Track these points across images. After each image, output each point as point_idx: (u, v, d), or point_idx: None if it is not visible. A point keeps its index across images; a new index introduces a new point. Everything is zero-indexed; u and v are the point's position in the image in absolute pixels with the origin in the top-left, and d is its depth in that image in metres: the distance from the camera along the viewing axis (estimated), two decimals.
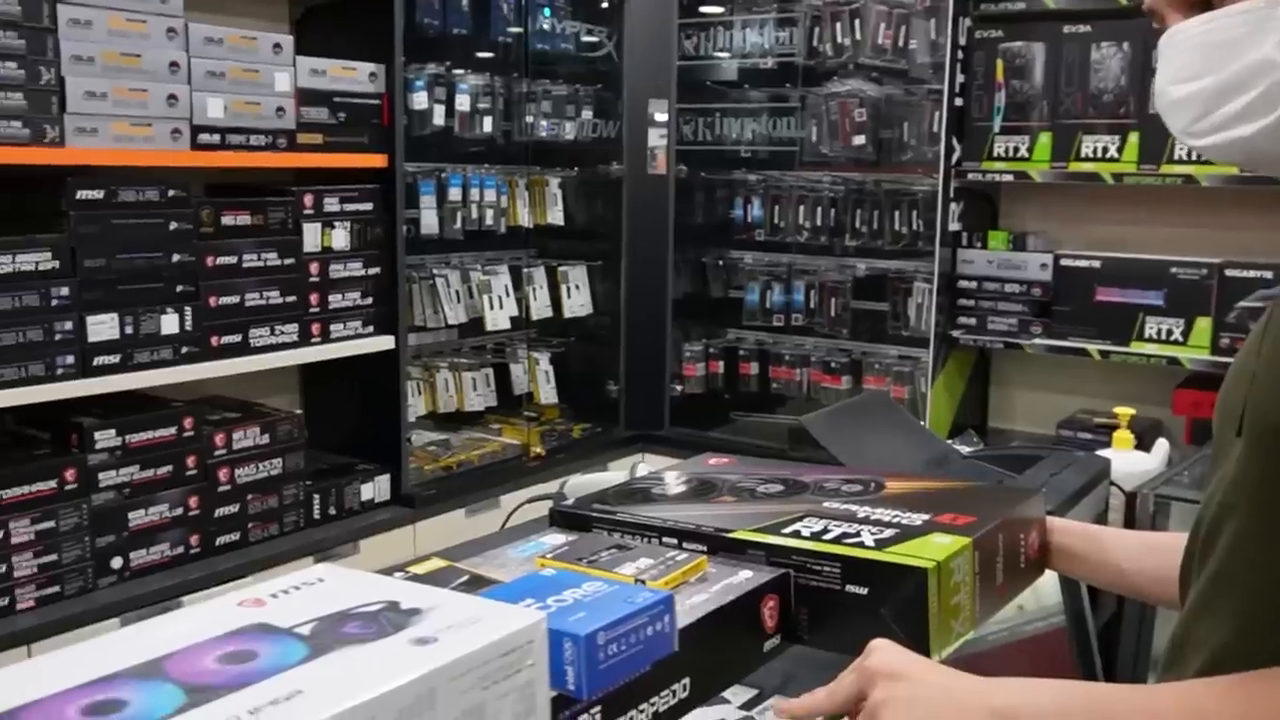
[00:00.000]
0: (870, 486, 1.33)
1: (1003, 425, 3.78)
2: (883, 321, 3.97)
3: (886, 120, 3.89)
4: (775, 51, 4.13)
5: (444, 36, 3.65)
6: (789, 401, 4.20)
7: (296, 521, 3.02)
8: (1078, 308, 3.33)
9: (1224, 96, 0.98)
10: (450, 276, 3.78)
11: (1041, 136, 3.38)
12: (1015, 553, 1.22)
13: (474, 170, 3.80)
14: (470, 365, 3.95)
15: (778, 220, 4.14)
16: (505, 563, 1.19)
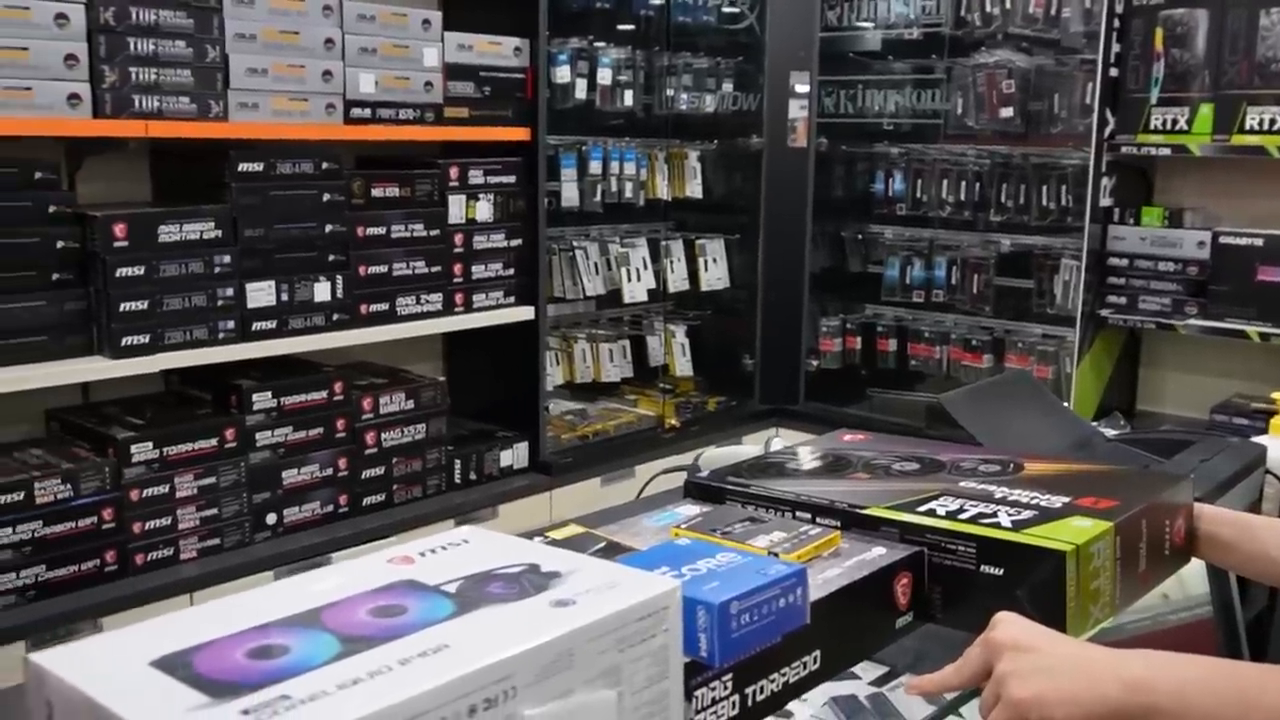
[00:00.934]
0: (1009, 467, 1.32)
1: (1152, 408, 3.66)
2: (1027, 299, 3.88)
3: (1036, 92, 3.78)
4: (921, 22, 4.05)
5: (587, 10, 3.69)
6: (927, 379, 4.14)
7: (439, 485, 3.12)
8: (1236, 287, 3.20)
9: None
10: (589, 249, 3.83)
11: (1202, 108, 3.24)
12: (1160, 539, 1.20)
13: (614, 143, 3.83)
14: (607, 337, 4.00)
15: (920, 194, 4.08)
16: (640, 531, 1.22)
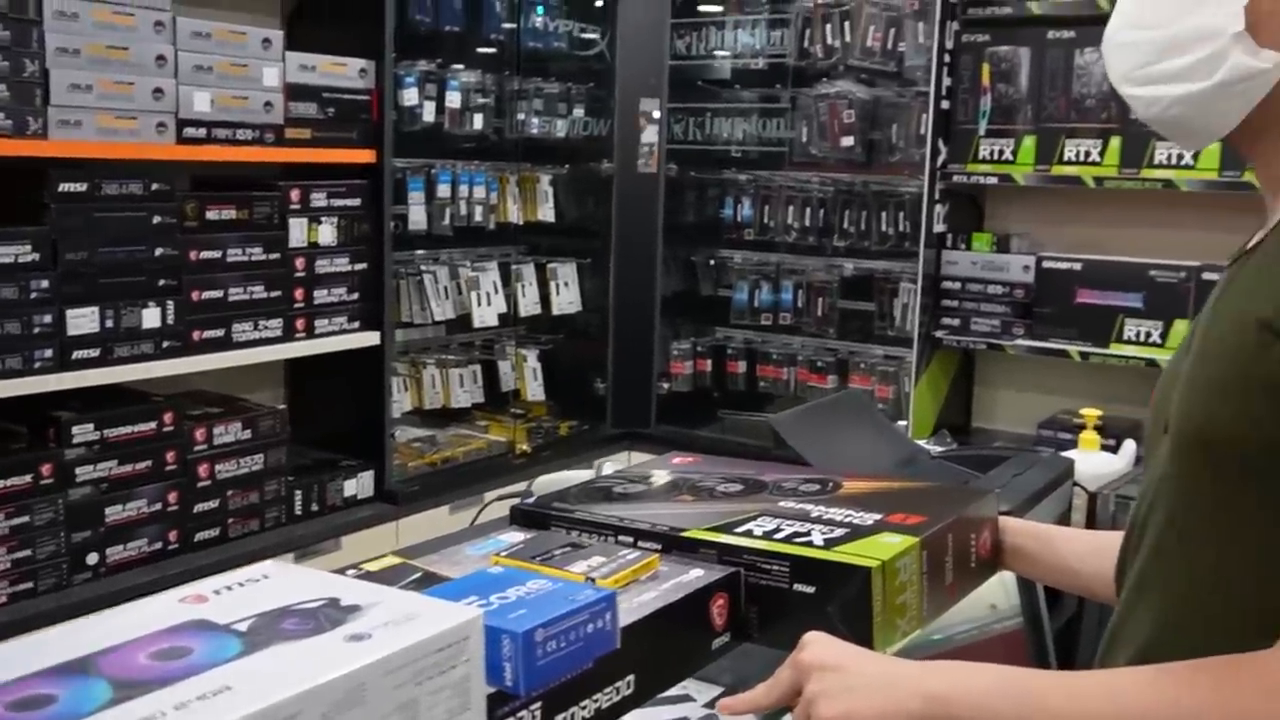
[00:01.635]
0: (827, 486, 1.35)
1: (986, 425, 3.79)
2: (869, 321, 3.98)
3: (875, 122, 3.90)
4: (767, 52, 4.15)
5: (436, 33, 3.66)
6: (776, 400, 4.21)
7: (278, 518, 3.03)
8: (1059, 309, 3.35)
9: (1168, 51, 0.99)
10: (438, 273, 3.79)
11: (1026, 140, 3.39)
12: (965, 553, 1.24)
13: (464, 166, 3.81)
14: (457, 362, 3.96)
15: (767, 220, 4.15)
16: (461, 560, 1.20)
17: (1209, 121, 1.01)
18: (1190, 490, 0.98)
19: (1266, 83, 0.97)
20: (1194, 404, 0.97)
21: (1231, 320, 0.95)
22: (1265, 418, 0.89)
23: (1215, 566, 0.95)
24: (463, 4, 3.70)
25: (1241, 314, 0.93)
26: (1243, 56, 0.95)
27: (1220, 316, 0.99)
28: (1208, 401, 0.95)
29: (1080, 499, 1.81)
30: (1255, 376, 0.90)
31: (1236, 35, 0.95)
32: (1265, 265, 0.96)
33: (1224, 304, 1.00)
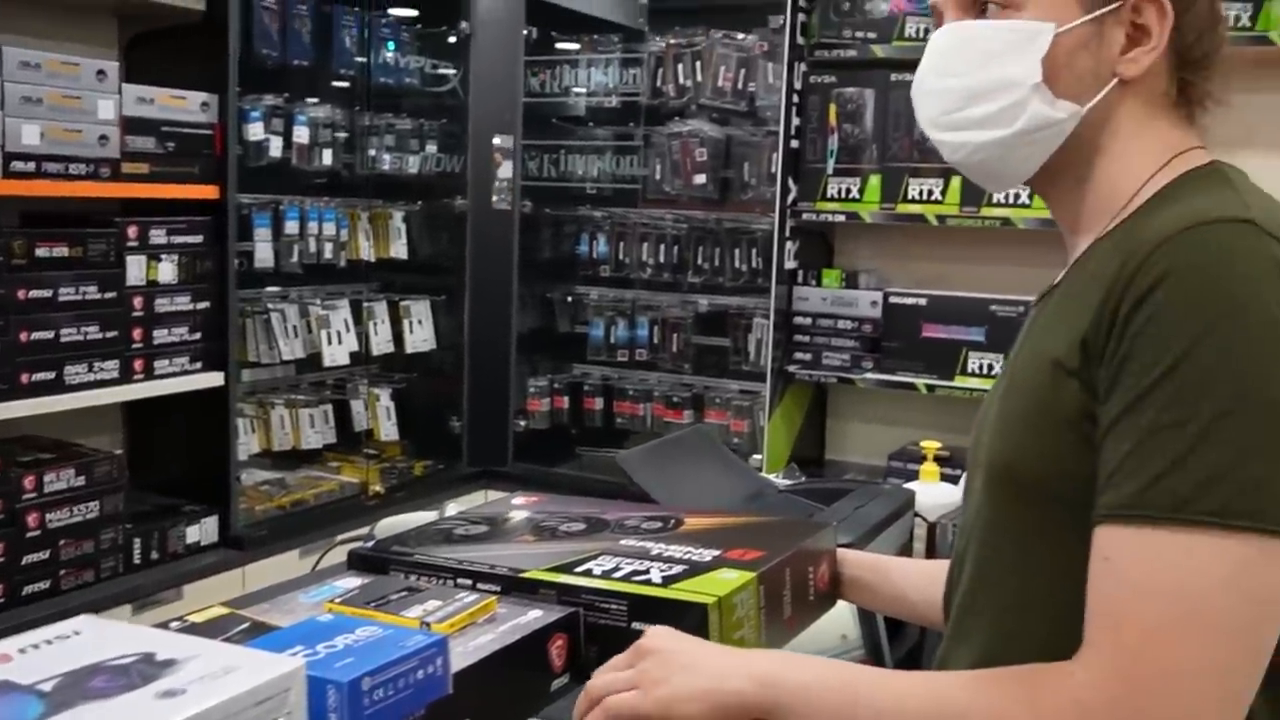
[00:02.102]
0: (669, 524, 1.35)
1: (839, 457, 3.87)
2: (724, 356, 4.03)
3: (728, 160, 3.97)
4: (620, 90, 4.19)
5: (284, 67, 3.59)
6: (633, 436, 4.22)
7: (115, 568, 2.90)
8: (906, 343, 3.44)
9: (973, 99, 1.05)
10: (287, 311, 3.70)
11: (871, 179, 3.48)
12: (803, 586, 1.25)
13: (313, 203, 3.74)
14: (308, 402, 3.87)
15: (622, 256, 4.18)
16: (295, 608, 1.16)
17: (1011, 166, 1.07)
18: (1002, 523, 1.02)
19: (1063, 131, 1.03)
20: (1002, 439, 1.01)
21: (1033, 358, 1.00)
22: (1066, 452, 0.93)
23: (1029, 596, 0.98)
24: (311, 38, 3.64)
25: (1040, 352, 0.98)
26: (1041, 106, 1.02)
27: (1024, 354, 1.03)
28: (1014, 437, 0.99)
29: (921, 529, 1.86)
30: (1053, 412, 0.94)
31: (1035, 86, 1.01)
32: (1061, 304, 1.01)
33: (1028, 342, 1.05)
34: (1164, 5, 1.01)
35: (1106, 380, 0.89)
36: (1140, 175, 1.03)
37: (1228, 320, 0.84)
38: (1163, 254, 0.87)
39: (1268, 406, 0.82)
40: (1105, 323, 0.90)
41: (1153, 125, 1.05)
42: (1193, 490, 0.82)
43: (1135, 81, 1.03)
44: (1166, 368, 0.84)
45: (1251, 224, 0.87)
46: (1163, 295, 0.86)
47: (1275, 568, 0.83)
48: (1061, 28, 1.01)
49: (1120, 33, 1.02)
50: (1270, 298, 0.84)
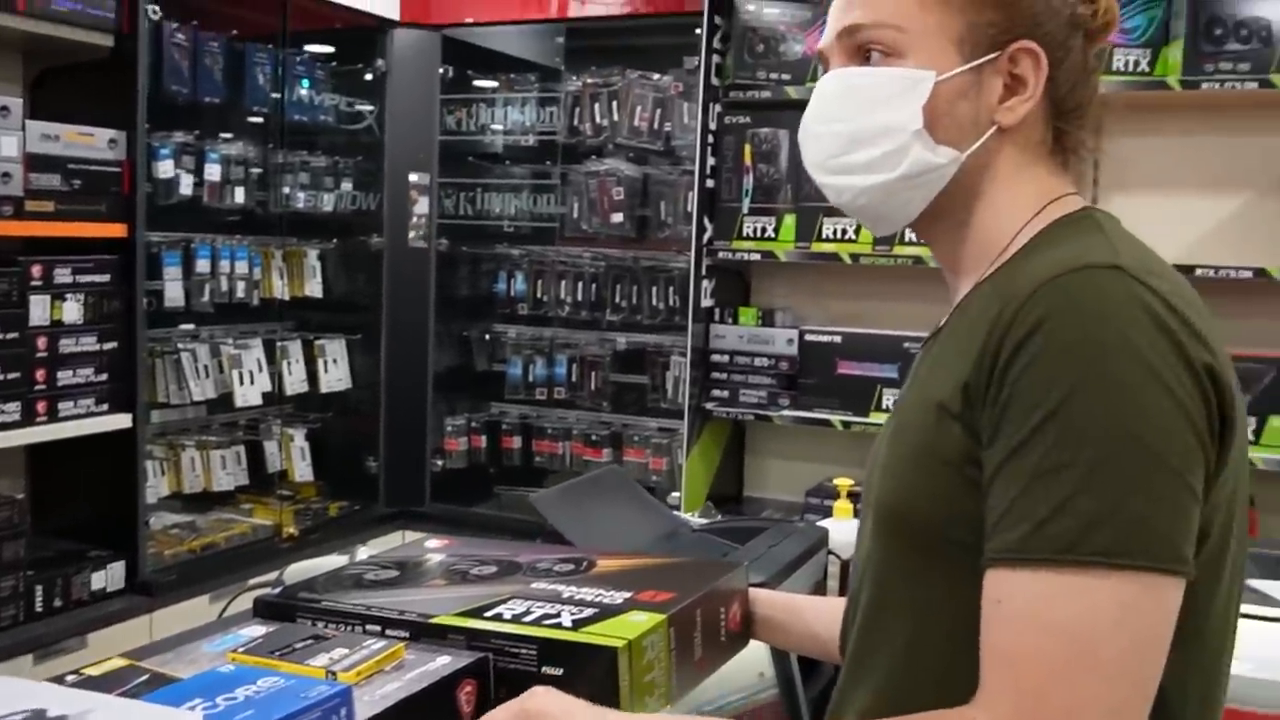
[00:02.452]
0: (581, 566, 1.34)
1: (757, 494, 3.88)
2: (642, 394, 4.04)
3: (644, 198, 4.00)
4: (537, 129, 4.20)
5: (194, 104, 3.55)
6: (551, 475, 4.20)
7: (15, 616, 2.81)
8: (821, 380, 3.47)
9: (858, 144, 1.07)
10: (198, 350, 3.63)
11: (786, 218, 3.53)
12: (715, 627, 1.25)
13: (224, 241, 3.68)
14: (219, 443, 3.79)
15: (540, 294, 4.18)
16: (197, 659, 1.14)
17: (894, 210, 1.10)
18: (892, 564, 1.04)
19: (943, 177, 1.06)
20: (889, 481, 1.04)
21: (918, 401, 1.02)
22: (951, 494, 0.95)
23: (921, 636, 1.00)
24: (223, 75, 3.61)
25: (926, 395, 1.00)
26: (923, 152, 1.05)
27: (910, 397, 1.06)
28: (900, 479, 1.01)
29: (835, 567, 1.87)
30: (938, 454, 0.96)
31: (917, 132, 1.04)
32: (944, 348, 1.04)
33: (914, 385, 1.08)
34: (1039, 56, 1.05)
35: (989, 425, 0.91)
36: (1017, 220, 1.06)
37: (1101, 364, 0.86)
38: (1036, 301, 0.90)
39: (1143, 446, 0.85)
40: (985, 368, 0.92)
41: (1030, 172, 1.08)
42: (1079, 532, 0.85)
43: (1013, 129, 1.07)
44: (1047, 413, 0.87)
45: (1119, 269, 0.91)
46: (1039, 342, 0.88)
47: (1160, 603, 0.86)
48: (942, 76, 1.04)
49: (998, 82, 1.06)
50: (1140, 340, 0.87)
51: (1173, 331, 0.88)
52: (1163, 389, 0.86)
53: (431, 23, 4.10)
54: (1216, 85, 3.02)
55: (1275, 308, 3.20)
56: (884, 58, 1.06)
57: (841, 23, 1.10)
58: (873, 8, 1.07)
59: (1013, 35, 1.05)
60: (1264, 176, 3.24)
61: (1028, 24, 1.05)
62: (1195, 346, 0.89)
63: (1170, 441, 0.86)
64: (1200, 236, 3.30)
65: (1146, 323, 0.88)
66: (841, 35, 1.10)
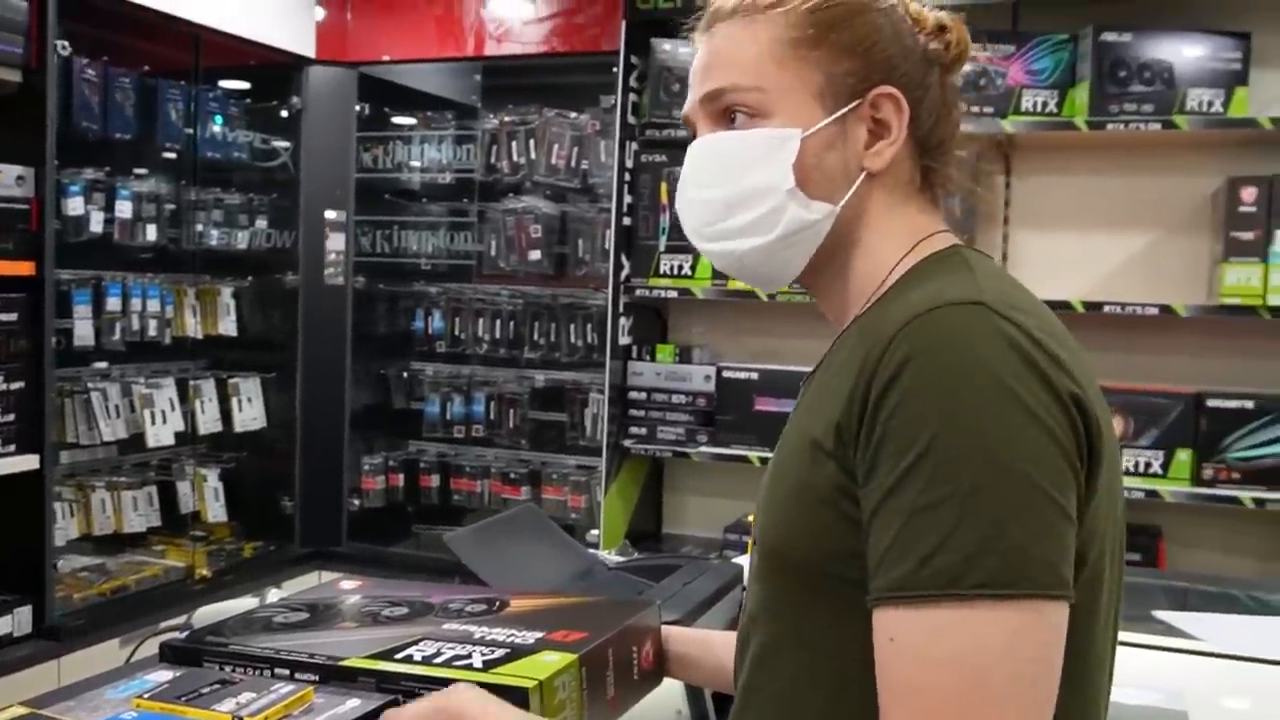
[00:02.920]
0: (494, 606, 1.34)
1: (676, 530, 3.90)
2: (561, 432, 4.05)
3: (562, 236, 4.02)
4: (454, 167, 4.21)
5: (106, 141, 3.51)
6: (470, 513, 4.18)
7: None
8: (739, 417, 3.51)
9: (734, 208, 1.08)
10: (108, 390, 3.57)
11: (703, 256, 3.56)
12: (628, 665, 1.26)
13: (136, 279, 3.63)
14: (130, 484, 3.72)
15: (458, 332, 4.17)
16: (100, 705, 1.11)
17: (777, 269, 1.11)
18: (778, 601, 1.06)
19: (821, 231, 1.08)
20: (770, 519, 1.05)
21: (796, 439, 1.04)
22: (829, 531, 0.97)
23: (809, 672, 1.01)
24: (135, 111, 3.56)
25: (802, 434, 1.02)
26: (798, 210, 1.06)
27: (789, 436, 1.08)
28: (780, 517, 1.03)
29: None
30: (814, 492, 0.98)
31: (790, 191, 1.06)
32: (820, 386, 1.05)
33: (793, 424, 1.09)
34: (899, 100, 1.07)
35: (864, 464, 0.93)
36: (890, 260, 1.08)
37: (968, 398, 0.88)
38: (901, 339, 0.92)
39: (1016, 475, 0.87)
40: (857, 407, 0.94)
41: (901, 212, 1.10)
42: (960, 565, 0.86)
43: (882, 173, 1.08)
44: (920, 450, 0.88)
45: (981, 305, 0.92)
46: (907, 380, 0.90)
47: (1047, 627, 0.88)
48: (807, 131, 1.06)
49: (863, 129, 1.07)
50: (1004, 371, 0.89)
51: (1036, 363, 0.90)
52: (1030, 417, 0.88)
53: (348, 60, 4.09)
54: (1122, 126, 3.13)
55: (1181, 344, 3.31)
56: (749, 119, 1.07)
57: (703, 88, 1.10)
58: (732, 71, 1.08)
59: (871, 82, 1.07)
60: (1169, 215, 3.36)
61: (884, 69, 1.07)
62: (1060, 376, 0.91)
63: (1041, 467, 0.88)
64: (1109, 273, 3.40)
65: (1010, 355, 0.90)
66: (704, 101, 1.10)
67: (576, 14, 3.74)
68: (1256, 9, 3.22)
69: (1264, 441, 3.08)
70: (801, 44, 1.06)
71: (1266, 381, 3.19)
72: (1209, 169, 3.28)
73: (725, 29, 1.10)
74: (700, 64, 1.12)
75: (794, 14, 1.07)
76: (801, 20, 1.07)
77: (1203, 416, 3.11)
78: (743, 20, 1.09)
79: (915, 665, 0.88)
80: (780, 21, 1.07)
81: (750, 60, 1.07)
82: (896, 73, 1.08)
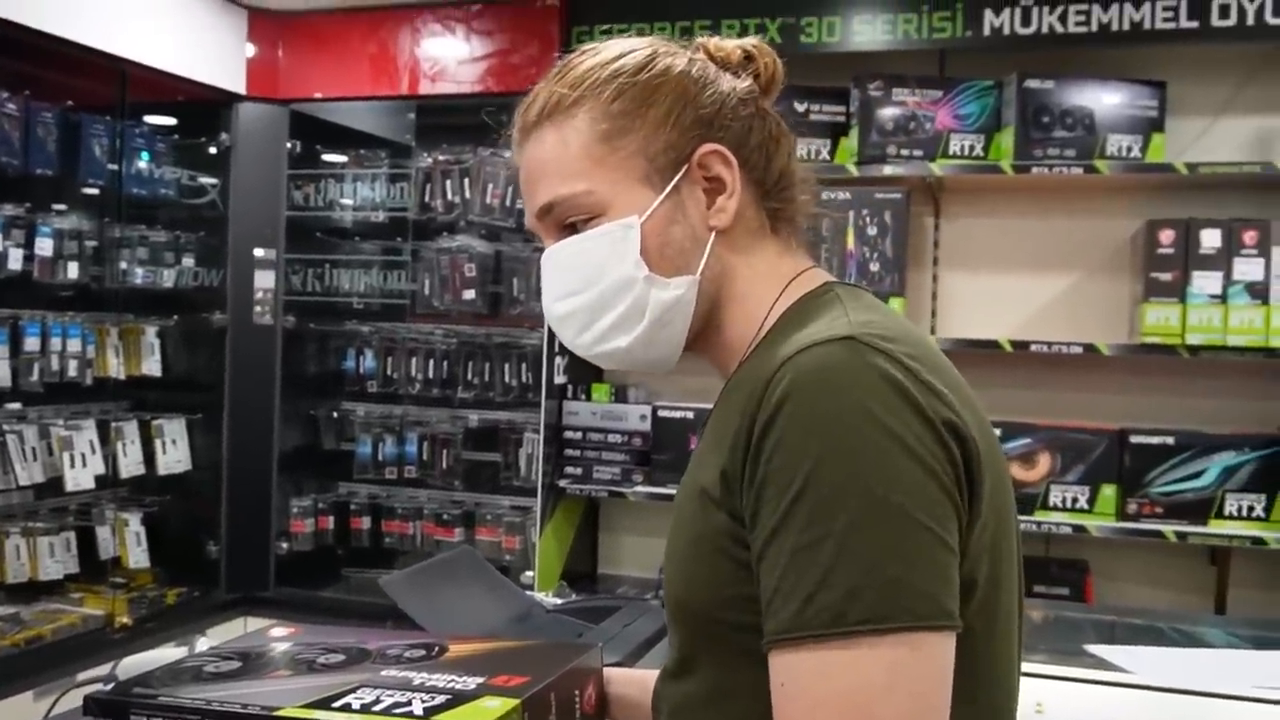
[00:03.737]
0: (433, 651, 1.31)
1: (612, 571, 3.88)
2: (496, 472, 4.01)
3: (497, 275, 4.00)
4: (387, 205, 4.17)
5: (26, 176, 3.43)
6: (402, 556, 4.12)
7: None
8: (675, 456, 3.51)
9: (600, 310, 1.08)
10: (25, 432, 3.46)
11: None
12: (570, 708, 1.24)
13: (56, 318, 3.54)
14: (47, 529, 3.60)
15: (391, 372, 4.12)
16: None
17: (663, 352, 1.11)
18: (689, 648, 1.06)
19: (689, 303, 1.08)
20: (671, 570, 1.05)
21: (688, 489, 1.05)
22: (725, 579, 0.97)
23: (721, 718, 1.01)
24: (57, 147, 3.49)
25: (693, 483, 1.03)
26: (659, 293, 1.06)
27: (685, 484, 1.09)
28: (680, 567, 1.03)
29: None
30: (708, 541, 0.98)
31: (646, 278, 1.06)
32: (708, 436, 1.07)
33: (688, 473, 1.10)
34: (724, 153, 1.07)
35: (749, 508, 0.93)
36: (762, 308, 1.09)
37: (840, 435, 0.89)
38: (776, 382, 0.92)
39: (890, 509, 0.87)
40: (739, 454, 0.94)
41: (761, 259, 1.11)
42: (842, 603, 0.86)
43: (730, 227, 1.09)
44: (798, 491, 0.89)
45: (851, 339, 0.93)
46: (781, 422, 0.91)
47: (932, 659, 0.88)
48: (644, 216, 1.06)
49: (698, 191, 1.08)
50: (875, 405, 0.89)
51: (908, 392, 0.91)
52: (903, 449, 0.89)
53: (280, 97, 4.05)
54: (1046, 169, 3.20)
55: (1105, 382, 3.38)
56: (586, 222, 1.07)
57: (535, 204, 1.11)
58: (554, 181, 1.08)
59: (692, 145, 1.07)
60: (1092, 256, 3.44)
61: (701, 128, 1.07)
62: (934, 403, 0.92)
63: (917, 499, 0.88)
64: (1034, 313, 3.48)
65: (882, 387, 0.90)
66: (540, 215, 1.11)
67: (512, 54, 3.75)
68: (1171, 60, 3.33)
69: (1185, 476, 3.15)
70: (611, 135, 1.06)
71: (1186, 418, 3.26)
72: (1128, 212, 3.37)
73: (537, 138, 1.09)
74: (525, 179, 1.12)
75: (596, 109, 1.07)
76: (605, 113, 1.07)
77: (1126, 453, 3.17)
78: (550, 127, 1.09)
79: (803, 708, 0.88)
80: (585, 119, 1.07)
81: (569, 166, 1.07)
82: (714, 127, 1.08)
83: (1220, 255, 3.08)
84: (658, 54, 1.10)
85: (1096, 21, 3.22)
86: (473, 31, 3.80)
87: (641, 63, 1.08)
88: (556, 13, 3.65)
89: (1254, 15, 3.11)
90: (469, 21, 3.80)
